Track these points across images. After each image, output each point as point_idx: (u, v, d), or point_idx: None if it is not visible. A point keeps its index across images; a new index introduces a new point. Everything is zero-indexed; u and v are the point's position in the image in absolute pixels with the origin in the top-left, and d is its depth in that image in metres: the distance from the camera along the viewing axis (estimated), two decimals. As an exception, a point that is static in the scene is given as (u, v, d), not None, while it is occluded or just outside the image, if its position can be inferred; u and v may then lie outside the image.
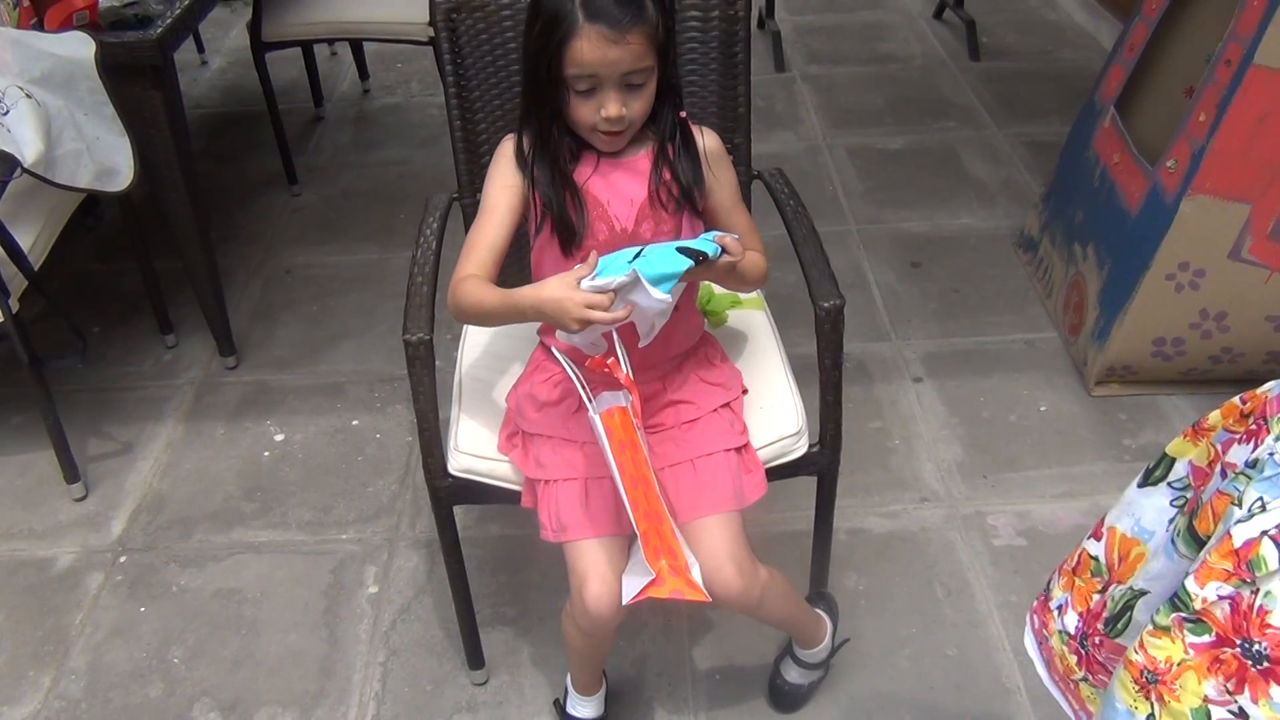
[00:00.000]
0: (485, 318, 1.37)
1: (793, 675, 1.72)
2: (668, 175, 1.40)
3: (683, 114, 1.41)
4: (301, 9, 2.97)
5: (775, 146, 3.31)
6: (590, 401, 1.28)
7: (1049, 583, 1.25)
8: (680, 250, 1.24)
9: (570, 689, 1.67)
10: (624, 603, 1.30)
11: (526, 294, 1.26)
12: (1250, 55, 1.90)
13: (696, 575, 1.28)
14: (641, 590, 1.27)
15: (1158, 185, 2.12)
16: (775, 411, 1.56)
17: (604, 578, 1.36)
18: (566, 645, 1.57)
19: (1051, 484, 2.13)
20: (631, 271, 1.20)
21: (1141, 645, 0.97)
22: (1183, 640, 0.94)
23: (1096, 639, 1.14)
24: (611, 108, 1.29)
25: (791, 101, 3.60)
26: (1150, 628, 0.97)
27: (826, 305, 1.47)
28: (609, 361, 1.28)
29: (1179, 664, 0.94)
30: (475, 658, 1.79)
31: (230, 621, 1.93)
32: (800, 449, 1.55)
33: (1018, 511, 2.07)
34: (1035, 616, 1.26)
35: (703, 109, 1.69)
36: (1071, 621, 1.17)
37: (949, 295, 2.66)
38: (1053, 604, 1.22)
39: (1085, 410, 2.30)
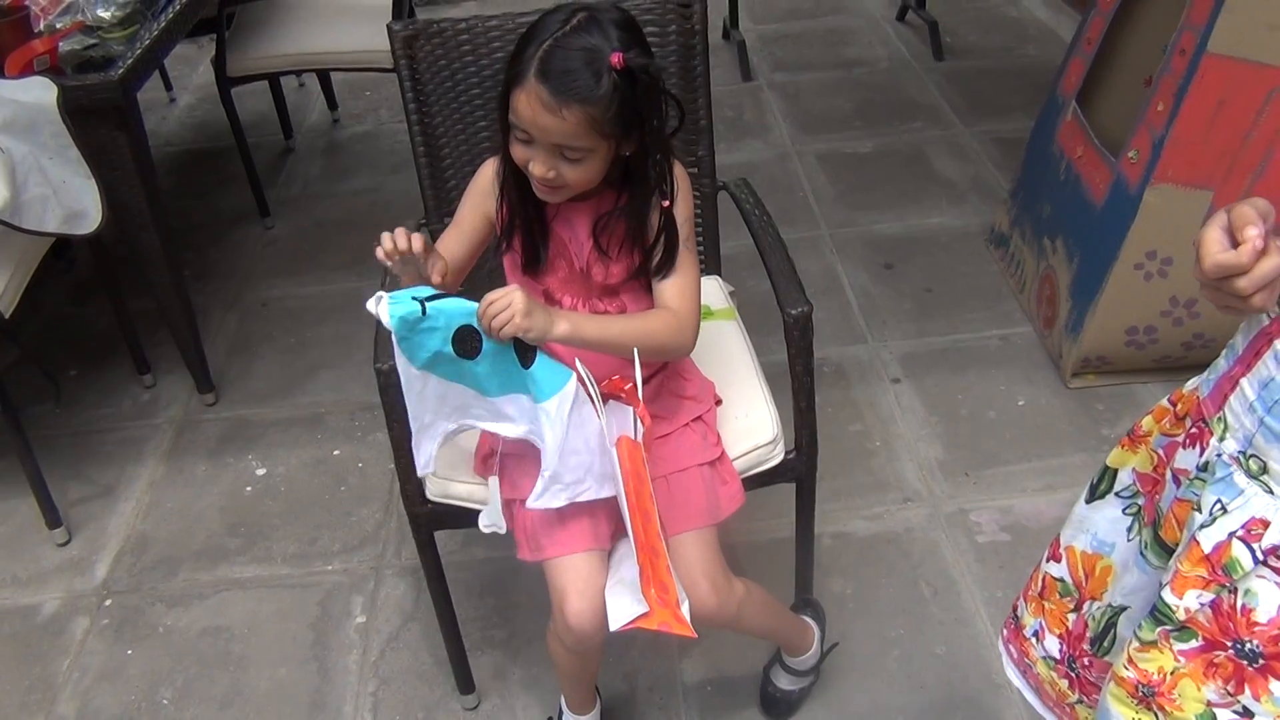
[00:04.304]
0: None
1: (783, 682, 1.73)
2: (614, 224, 1.35)
3: (666, 203, 1.34)
4: (265, 43, 2.97)
5: (745, 155, 3.33)
6: (600, 415, 1.27)
7: (1016, 610, 1.24)
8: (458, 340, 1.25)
9: (564, 708, 1.66)
10: (612, 629, 1.30)
11: None
12: (1204, 43, 1.92)
13: (686, 611, 1.28)
14: (632, 620, 1.27)
15: (1121, 176, 2.14)
16: (750, 420, 1.56)
17: (584, 593, 1.36)
18: (555, 664, 1.57)
19: (1033, 478, 2.14)
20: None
21: (1131, 661, 0.96)
22: (1171, 650, 0.94)
23: (1085, 660, 1.13)
24: (536, 167, 1.26)
25: (759, 110, 3.62)
26: (1136, 644, 0.96)
27: (794, 312, 1.48)
28: (626, 387, 1.26)
29: (1172, 673, 0.94)
30: (465, 682, 1.78)
31: (219, 659, 1.92)
32: (776, 457, 1.55)
33: (1000, 507, 2.08)
34: (1011, 646, 1.25)
35: (664, 123, 1.70)
36: (1053, 646, 1.17)
37: (923, 295, 2.68)
38: (1027, 631, 1.21)
39: (1063, 402, 2.31)
